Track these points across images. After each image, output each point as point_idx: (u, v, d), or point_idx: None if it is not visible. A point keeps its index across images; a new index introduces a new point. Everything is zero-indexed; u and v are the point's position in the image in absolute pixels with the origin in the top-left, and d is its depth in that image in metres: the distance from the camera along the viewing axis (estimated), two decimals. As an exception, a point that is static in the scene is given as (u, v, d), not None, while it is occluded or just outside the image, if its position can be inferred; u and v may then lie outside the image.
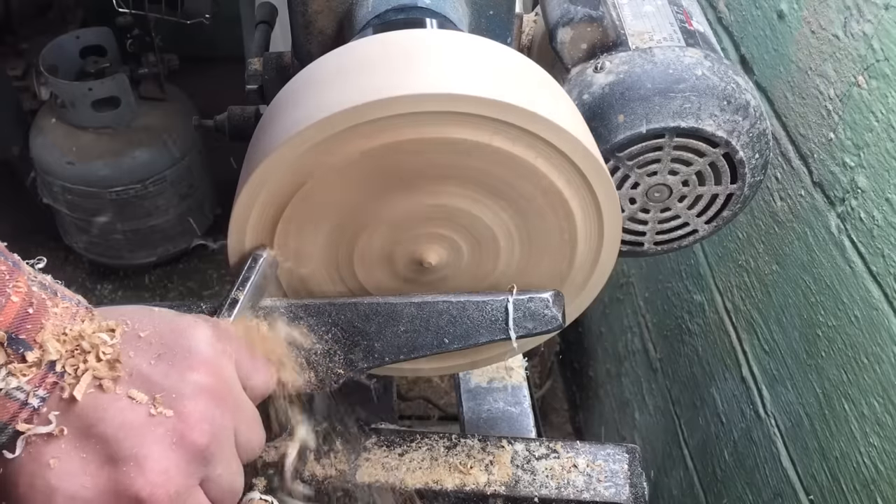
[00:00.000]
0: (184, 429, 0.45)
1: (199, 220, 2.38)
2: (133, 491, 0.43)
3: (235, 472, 0.50)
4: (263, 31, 0.97)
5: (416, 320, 0.58)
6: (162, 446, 0.44)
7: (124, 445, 0.44)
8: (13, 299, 0.44)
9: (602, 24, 0.74)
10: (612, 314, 1.70)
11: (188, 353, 0.47)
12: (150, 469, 0.44)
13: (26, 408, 0.44)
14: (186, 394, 0.46)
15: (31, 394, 0.44)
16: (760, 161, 0.70)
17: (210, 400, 0.47)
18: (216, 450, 0.47)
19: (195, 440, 0.45)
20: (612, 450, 0.72)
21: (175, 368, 0.47)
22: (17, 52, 2.62)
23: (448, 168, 0.54)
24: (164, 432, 0.45)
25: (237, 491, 0.50)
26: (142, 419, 0.45)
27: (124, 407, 0.45)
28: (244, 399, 0.50)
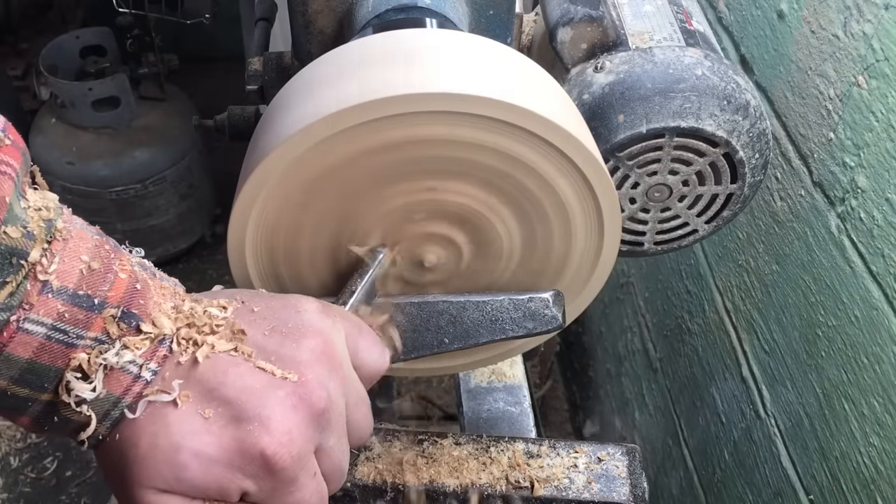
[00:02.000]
0: (303, 392, 0.46)
1: (199, 220, 2.38)
2: (258, 449, 0.44)
3: (345, 450, 0.50)
4: (263, 28, 0.97)
5: (416, 320, 0.58)
6: (284, 408, 0.45)
7: (247, 406, 0.45)
8: (121, 276, 0.45)
9: (602, 23, 0.74)
10: (612, 314, 1.70)
11: (301, 324, 0.48)
12: (275, 428, 0.44)
13: (139, 381, 0.45)
14: (303, 360, 0.47)
15: (143, 367, 0.45)
16: (760, 161, 0.70)
17: (325, 367, 0.48)
18: (332, 417, 0.47)
19: (314, 403, 0.46)
20: (612, 450, 0.72)
21: (290, 338, 0.48)
22: (17, 52, 2.62)
23: (447, 167, 0.54)
24: (285, 395, 0.45)
25: (343, 470, 0.50)
26: (263, 382, 0.46)
27: (244, 371, 0.46)
28: (353, 377, 0.51)
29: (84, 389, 0.43)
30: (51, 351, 0.43)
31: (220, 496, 0.45)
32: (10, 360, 0.42)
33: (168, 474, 0.44)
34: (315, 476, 0.47)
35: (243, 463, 0.45)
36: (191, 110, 2.23)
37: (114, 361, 0.44)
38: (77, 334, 0.43)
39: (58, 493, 1.94)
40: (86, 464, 2.00)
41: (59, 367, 0.44)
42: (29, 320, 0.42)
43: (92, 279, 0.44)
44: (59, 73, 2.06)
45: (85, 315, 0.43)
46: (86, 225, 0.46)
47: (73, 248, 0.44)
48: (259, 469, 0.45)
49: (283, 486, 0.46)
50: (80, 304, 0.43)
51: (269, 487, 0.45)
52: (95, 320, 0.44)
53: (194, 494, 0.45)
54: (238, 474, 0.45)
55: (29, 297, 0.42)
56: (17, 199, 0.42)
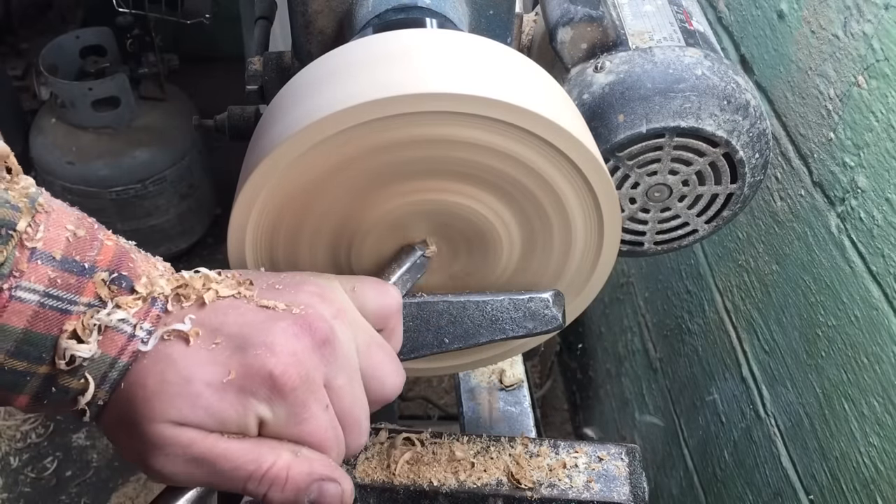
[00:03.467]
0: (303, 322, 0.47)
1: (199, 220, 2.38)
2: (266, 370, 0.44)
3: (357, 396, 0.50)
4: (263, 27, 0.97)
5: (416, 320, 0.58)
6: (286, 335, 0.46)
7: (251, 336, 0.45)
8: (107, 243, 0.46)
9: (602, 23, 0.74)
10: (612, 314, 1.70)
11: (298, 280, 0.50)
12: (280, 351, 0.45)
13: (134, 340, 0.45)
14: (302, 300, 0.48)
15: (137, 326, 0.45)
16: (760, 161, 0.70)
17: (326, 307, 0.49)
18: (338, 351, 0.48)
19: (316, 331, 0.47)
20: (612, 450, 0.72)
21: (288, 288, 0.49)
22: (17, 52, 2.62)
23: (448, 167, 0.54)
24: (287, 325, 0.46)
25: (360, 422, 0.50)
26: (263, 316, 0.47)
27: (246, 310, 0.47)
28: (360, 320, 0.51)
29: (80, 349, 0.44)
30: (46, 318, 0.43)
31: (237, 424, 0.45)
32: (4, 330, 0.42)
33: (182, 405, 0.44)
34: (327, 409, 0.47)
35: (254, 386, 0.45)
36: (191, 110, 2.23)
37: (107, 321, 0.44)
38: (70, 299, 0.44)
39: (58, 493, 1.94)
40: (86, 464, 2.00)
41: (55, 336, 0.44)
42: (21, 288, 0.42)
43: (79, 245, 0.44)
44: (59, 73, 2.06)
45: (76, 280, 0.44)
46: (65, 205, 0.46)
47: (56, 218, 0.44)
48: (270, 391, 0.45)
49: (296, 409, 0.46)
50: (70, 269, 0.44)
51: (282, 412, 0.46)
52: (87, 284, 0.44)
53: (211, 424, 0.45)
54: (251, 399, 0.45)
55: (19, 265, 0.42)
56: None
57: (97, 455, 2.01)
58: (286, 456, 0.46)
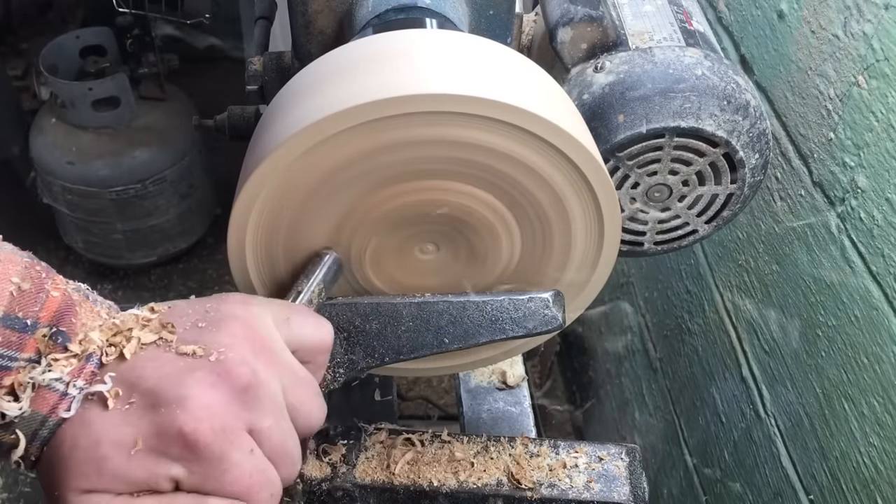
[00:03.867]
0: (222, 370, 0.45)
1: (199, 220, 2.38)
2: (176, 428, 0.43)
3: (286, 432, 0.48)
4: (263, 27, 0.97)
5: (416, 320, 0.58)
6: (202, 386, 0.45)
7: (165, 391, 0.44)
8: (53, 294, 0.45)
9: (602, 23, 0.74)
10: (612, 314, 1.70)
11: (222, 314, 0.49)
12: (192, 406, 0.44)
13: (66, 398, 0.44)
14: (224, 343, 0.47)
15: (70, 384, 0.44)
16: (760, 161, 0.70)
17: (248, 348, 0.47)
18: (260, 394, 0.46)
19: (235, 379, 0.45)
20: (612, 450, 0.72)
21: (210, 327, 0.48)
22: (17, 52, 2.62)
23: (448, 167, 0.54)
24: (203, 374, 0.45)
25: (292, 455, 0.49)
26: (181, 365, 0.45)
27: (163, 361, 0.46)
28: (289, 357, 0.50)
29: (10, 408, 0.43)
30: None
31: (148, 486, 0.44)
32: None
33: (90, 471, 0.44)
34: (252, 453, 0.46)
35: (165, 446, 0.44)
36: (191, 110, 2.23)
37: (40, 379, 0.44)
38: (10, 356, 0.43)
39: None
40: (86, 464, 1.99)
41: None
42: None
43: (23, 300, 0.44)
44: (59, 73, 2.06)
45: (18, 337, 0.43)
46: (16, 250, 0.46)
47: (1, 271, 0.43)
48: (182, 450, 0.44)
49: (213, 464, 0.44)
50: (12, 326, 0.43)
51: (199, 469, 0.44)
52: (28, 341, 0.44)
53: (120, 488, 0.44)
54: (163, 459, 0.44)
55: None
56: None
57: (97, 455, 2.01)
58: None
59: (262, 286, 0.60)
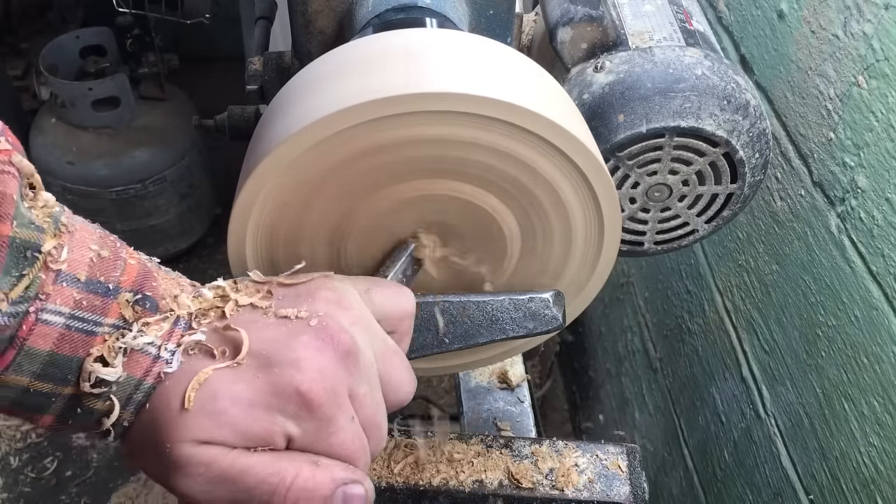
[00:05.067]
0: (325, 335, 0.46)
1: (199, 220, 2.38)
2: (293, 387, 0.44)
3: (380, 403, 0.49)
4: (263, 27, 0.97)
5: (416, 320, 0.58)
6: (309, 349, 0.45)
7: (275, 353, 0.45)
8: (130, 262, 0.46)
9: (602, 23, 0.74)
10: (612, 314, 1.70)
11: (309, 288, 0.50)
12: (305, 367, 0.45)
13: (158, 361, 0.45)
14: (321, 311, 0.48)
15: (162, 347, 0.45)
16: (760, 161, 0.70)
17: (344, 314, 0.48)
18: (360, 361, 0.47)
19: (338, 343, 0.46)
20: (612, 450, 0.72)
21: (303, 296, 0.49)
22: (17, 52, 2.62)
23: (448, 167, 0.54)
24: (309, 339, 0.46)
25: (381, 427, 0.50)
26: (285, 331, 0.46)
27: (265, 323, 0.47)
28: (376, 327, 0.51)
29: (105, 373, 0.44)
30: (71, 340, 0.43)
31: (265, 441, 0.45)
32: (31, 353, 0.42)
33: (207, 424, 0.44)
34: (353, 420, 0.47)
35: (281, 403, 0.44)
36: (191, 110, 2.23)
37: (133, 344, 0.44)
38: (95, 321, 0.44)
39: (58, 493, 1.94)
40: (86, 464, 2.00)
41: (81, 357, 0.44)
42: (47, 311, 0.42)
43: (103, 266, 0.44)
44: (59, 73, 2.06)
45: (101, 301, 0.44)
46: (87, 222, 0.47)
47: (80, 238, 0.44)
48: (297, 408, 0.45)
49: (324, 424, 0.45)
50: (95, 291, 0.44)
51: (311, 428, 0.45)
52: (112, 305, 0.44)
53: (236, 442, 0.44)
54: (278, 416, 0.45)
55: (44, 288, 0.42)
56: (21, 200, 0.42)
57: (97, 455, 2.01)
58: (307, 467, 0.46)
59: (262, 286, 0.60)
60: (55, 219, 0.43)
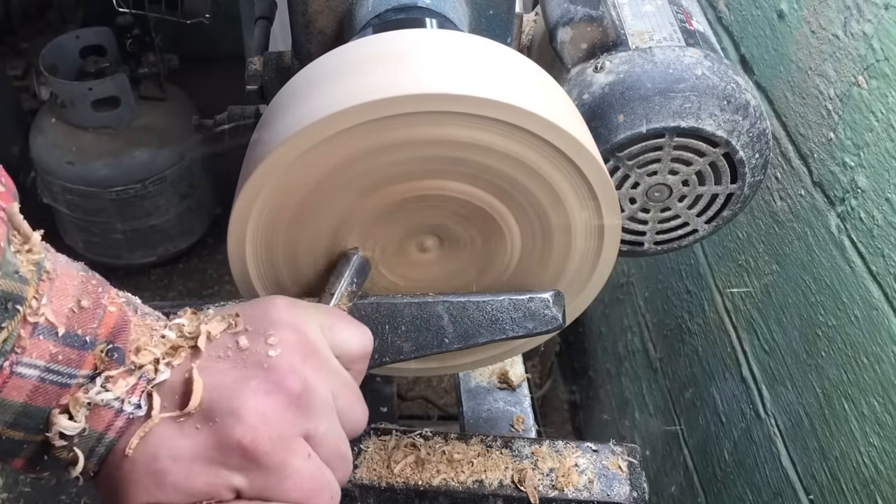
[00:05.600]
0: (276, 378, 0.45)
1: (199, 220, 2.38)
2: (234, 438, 0.44)
3: (340, 435, 0.49)
4: (263, 27, 0.97)
5: (416, 320, 0.58)
6: (256, 396, 0.45)
7: (219, 403, 0.45)
8: (110, 310, 0.45)
9: (602, 23, 0.74)
10: (612, 314, 1.70)
11: (271, 320, 0.48)
12: (248, 416, 0.44)
13: (121, 415, 0.45)
14: (276, 348, 0.47)
15: (126, 401, 0.45)
16: (760, 161, 0.70)
17: (298, 355, 0.47)
18: (313, 400, 0.47)
19: (289, 387, 0.46)
20: (612, 450, 0.72)
21: (259, 335, 0.47)
22: (17, 52, 2.62)
23: (448, 167, 0.54)
24: (257, 384, 0.45)
25: (346, 457, 0.50)
26: (234, 377, 0.46)
27: (215, 369, 0.46)
28: (334, 363, 0.50)
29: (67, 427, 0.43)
30: (45, 392, 0.43)
31: (210, 496, 0.44)
32: (4, 404, 0.42)
33: (150, 484, 0.44)
34: (311, 459, 0.47)
35: (224, 457, 0.44)
36: (191, 110, 2.23)
37: (97, 400, 0.44)
38: (70, 374, 0.43)
39: (58, 492, 1.94)
40: (86, 464, 1.99)
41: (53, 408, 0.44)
42: (22, 364, 0.42)
43: (82, 317, 0.44)
44: (59, 73, 2.06)
45: (77, 354, 0.43)
46: (70, 262, 0.46)
47: (60, 286, 0.43)
48: (242, 460, 0.44)
49: (273, 472, 0.45)
50: (71, 344, 0.43)
51: (259, 477, 0.45)
52: (87, 358, 0.44)
53: (181, 500, 0.44)
54: (222, 470, 0.44)
55: (21, 341, 0.41)
56: (8, 245, 0.42)
57: (97, 455, 2.01)
58: None
59: (262, 286, 0.60)
60: (39, 266, 0.43)
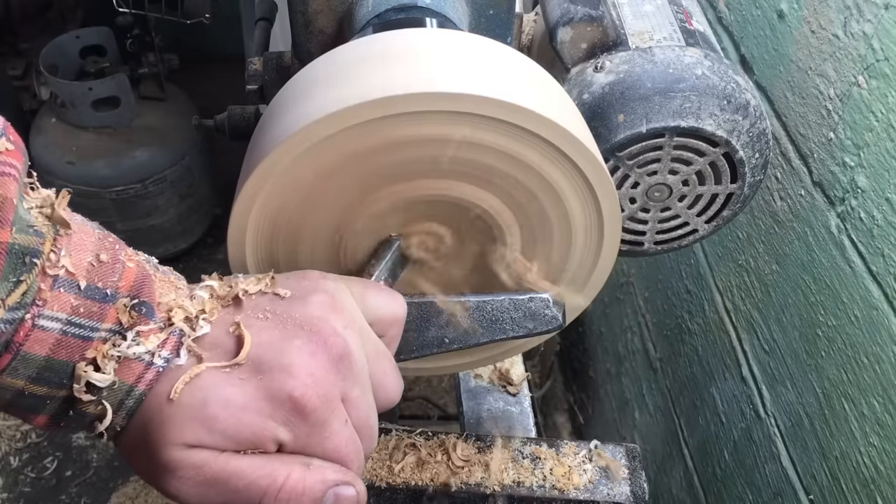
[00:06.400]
0: (319, 339, 0.46)
1: (199, 220, 2.38)
2: (286, 392, 0.44)
3: (371, 405, 0.50)
4: (263, 28, 0.97)
5: (416, 320, 0.58)
6: (302, 354, 0.45)
7: (267, 358, 0.45)
8: (129, 265, 0.46)
9: (602, 23, 0.74)
10: (612, 314, 1.70)
11: (306, 287, 0.49)
12: (298, 372, 0.45)
13: (151, 368, 0.45)
14: (314, 314, 0.47)
15: (156, 354, 0.45)
16: (760, 161, 0.70)
17: (337, 318, 0.48)
18: (352, 365, 0.47)
19: (332, 348, 0.46)
20: (612, 450, 0.72)
21: (297, 300, 0.48)
22: (17, 52, 2.62)
23: (448, 167, 0.54)
24: (302, 343, 0.46)
25: (373, 428, 0.50)
26: (277, 336, 0.46)
27: (259, 327, 0.46)
28: (368, 330, 0.51)
29: (98, 379, 0.43)
30: (68, 346, 0.43)
31: (255, 445, 0.45)
32: (27, 358, 0.42)
33: (198, 427, 0.44)
34: (347, 424, 0.47)
35: (273, 409, 0.44)
36: (191, 110, 2.23)
37: (128, 353, 0.44)
38: (92, 327, 0.44)
39: (58, 492, 1.94)
40: (86, 464, 2.00)
41: (76, 362, 0.44)
42: (43, 316, 0.42)
43: (102, 270, 0.44)
44: (59, 73, 2.06)
45: (99, 307, 0.44)
46: (85, 220, 0.46)
47: (78, 241, 0.44)
48: (290, 413, 0.45)
49: (318, 429, 0.45)
50: (92, 297, 0.43)
51: (303, 433, 0.45)
52: (109, 311, 0.44)
53: (226, 445, 0.44)
54: (270, 421, 0.45)
55: (41, 294, 0.42)
56: (21, 200, 0.42)
57: (97, 455, 2.01)
58: (298, 469, 0.46)
59: (262, 286, 0.60)
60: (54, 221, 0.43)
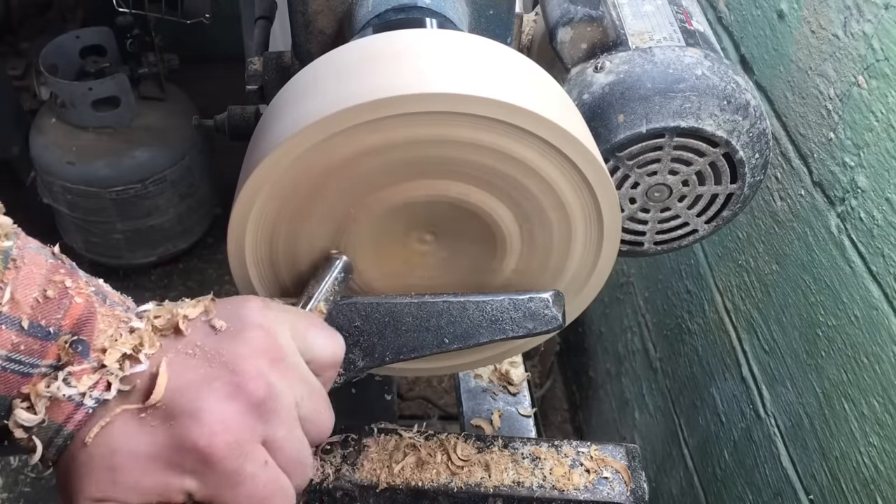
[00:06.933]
0: (239, 381, 0.45)
1: (199, 220, 2.38)
2: (191, 441, 0.43)
3: (300, 442, 0.49)
4: (263, 27, 0.96)
5: (416, 320, 0.58)
6: (217, 398, 0.45)
7: (180, 402, 0.44)
8: (77, 300, 0.45)
9: (602, 23, 0.74)
10: (612, 314, 1.70)
11: (241, 321, 0.48)
12: (207, 419, 0.44)
13: (81, 409, 0.44)
14: (241, 353, 0.46)
15: (86, 395, 0.44)
16: (760, 161, 0.70)
17: (265, 358, 0.47)
18: (275, 407, 0.46)
19: (251, 392, 0.45)
20: (612, 450, 0.72)
21: (229, 335, 0.47)
22: (17, 52, 2.62)
23: (447, 167, 0.54)
24: (220, 386, 0.45)
25: (304, 463, 0.49)
26: (200, 375, 0.45)
27: (182, 368, 0.46)
28: (304, 368, 0.50)
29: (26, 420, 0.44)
30: (6, 381, 0.43)
31: (162, 496, 0.44)
32: None
33: (104, 479, 0.44)
34: (267, 466, 0.46)
35: (180, 458, 0.44)
36: (191, 110, 2.23)
37: (59, 395, 0.44)
38: (32, 363, 0.43)
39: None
40: (86, 464, 1.99)
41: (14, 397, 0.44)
42: None
43: (47, 308, 0.43)
44: (59, 73, 2.05)
45: (40, 344, 0.43)
46: (41, 248, 0.46)
47: (26, 275, 0.43)
48: (197, 462, 0.44)
49: (227, 478, 0.45)
50: (34, 334, 0.43)
51: (213, 482, 0.45)
52: (51, 348, 0.44)
53: (132, 498, 0.44)
54: (177, 471, 0.44)
55: None
56: None
57: (97, 455, 2.01)
58: None
59: (262, 286, 0.60)
60: (6, 254, 0.42)
